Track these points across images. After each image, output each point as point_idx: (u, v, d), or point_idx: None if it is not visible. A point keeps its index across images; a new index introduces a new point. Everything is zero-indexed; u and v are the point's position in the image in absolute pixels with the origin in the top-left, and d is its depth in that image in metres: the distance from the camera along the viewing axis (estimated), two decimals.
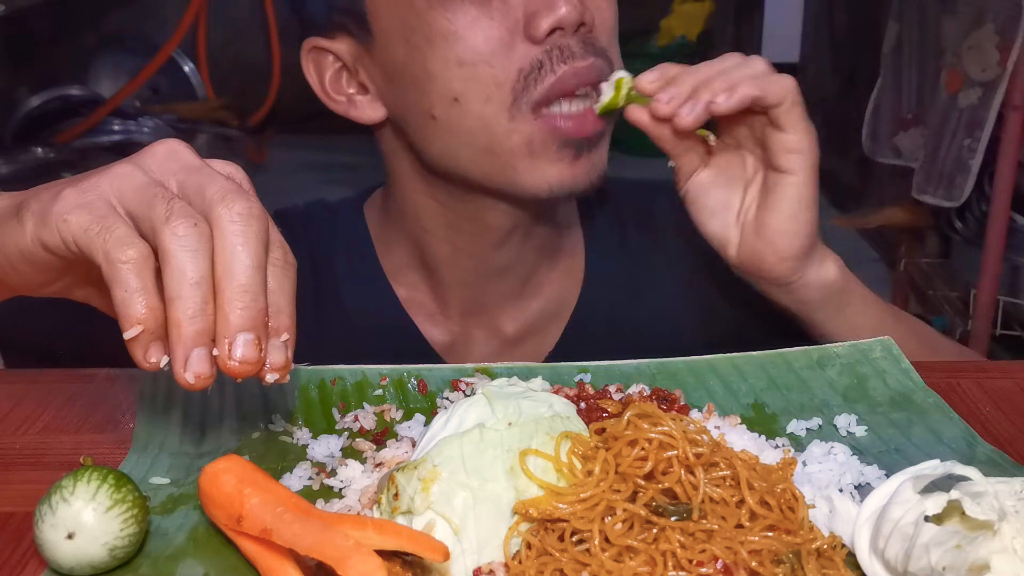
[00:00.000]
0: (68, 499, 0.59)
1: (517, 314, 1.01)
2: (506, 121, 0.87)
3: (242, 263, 0.59)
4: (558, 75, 0.86)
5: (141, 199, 0.61)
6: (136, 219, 0.61)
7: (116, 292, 0.59)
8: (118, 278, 0.59)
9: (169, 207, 0.60)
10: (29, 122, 3.85)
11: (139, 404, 0.78)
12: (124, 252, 0.59)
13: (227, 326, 0.59)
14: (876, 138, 2.65)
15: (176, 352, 0.59)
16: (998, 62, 2.18)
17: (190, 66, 4.40)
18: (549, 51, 0.86)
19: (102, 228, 0.60)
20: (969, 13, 2.26)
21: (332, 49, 0.92)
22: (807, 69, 4.47)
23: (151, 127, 3.89)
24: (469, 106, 0.87)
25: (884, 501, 0.62)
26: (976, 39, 2.22)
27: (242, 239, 0.60)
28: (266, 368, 0.61)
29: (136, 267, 0.59)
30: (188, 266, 0.58)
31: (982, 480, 0.61)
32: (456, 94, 0.86)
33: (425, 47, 0.86)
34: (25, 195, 0.65)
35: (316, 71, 0.94)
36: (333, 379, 0.82)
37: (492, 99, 0.86)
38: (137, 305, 0.59)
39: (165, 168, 0.63)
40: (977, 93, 2.23)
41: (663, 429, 0.62)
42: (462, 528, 0.60)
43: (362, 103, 0.93)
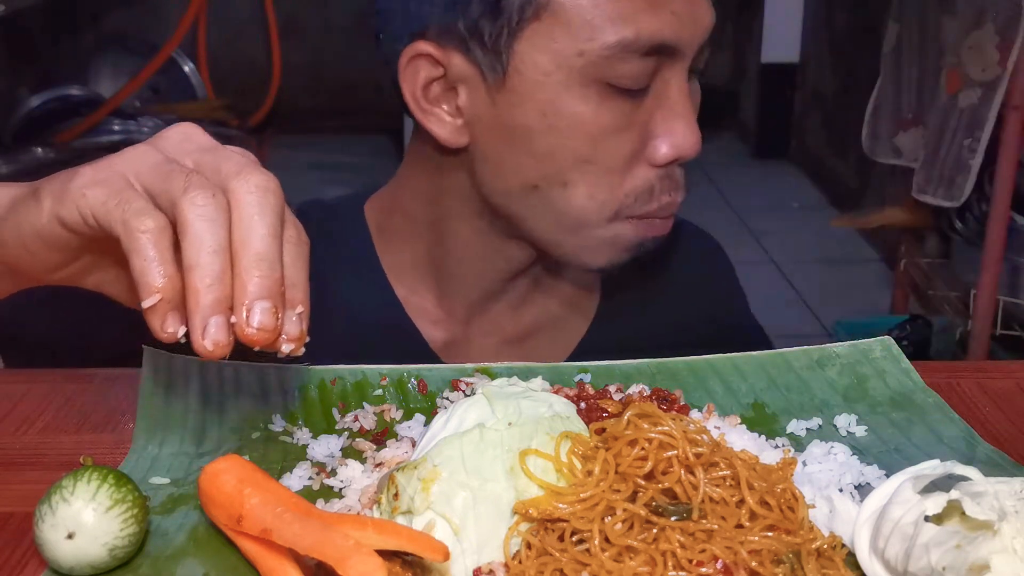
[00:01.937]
0: (68, 499, 0.59)
1: (518, 318, 1.01)
2: (604, 222, 0.88)
3: (259, 233, 0.60)
4: (661, 203, 0.88)
5: (158, 174, 0.62)
6: (153, 195, 0.61)
7: (135, 262, 0.59)
8: (137, 247, 0.59)
9: (188, 180, 0.60)
10: (29, 122, 3.85)
11: (139, 404, 0.78)
12: (143, 222, 0.59)
13: (245, 293, 0.59)
14: (876, 138, 2.65)
15: (194, 320, 0.59)
16: (998, 62, 2.18)
17: (190, 66, 4.41)
18: (662, 178, 0.88)
19: (120, 200, 0.60)
20: (969, 13, 2.26)
21: (442, 61, 0.87)
22: (807, 69, 4.47)
23: (151, 127, 3.89)
24: (574, 195, 0.87)
25: (884, 501, 0.62)
26: (976, 39, 2.22)
27: (259, 209, 0.60)
28: (282, 339, 0.61)
29: (155, 236, 0.59)
30: (207, 235, 0.59)
31: (982, 480, 0.61)
32: (568, 182, 0.86)
33: (561, 132, 0.85)
34: (42, 180, 0.66)
35: (413, 75, 0.88)
36: (333, 379, 0.82)
37: (598, 201, 0.87)
38: (155, 274, 0.59)
39: (181, 149, 0.64)
40: (977, 93, 2.23)
41: (663, 429, 0.62)
42: (462, 528, 0.60)
43: (451, 125, 0.88)
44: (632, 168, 0.87)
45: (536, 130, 0.85)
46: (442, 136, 0.89)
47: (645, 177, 0.87)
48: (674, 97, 0.86)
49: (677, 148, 0.86)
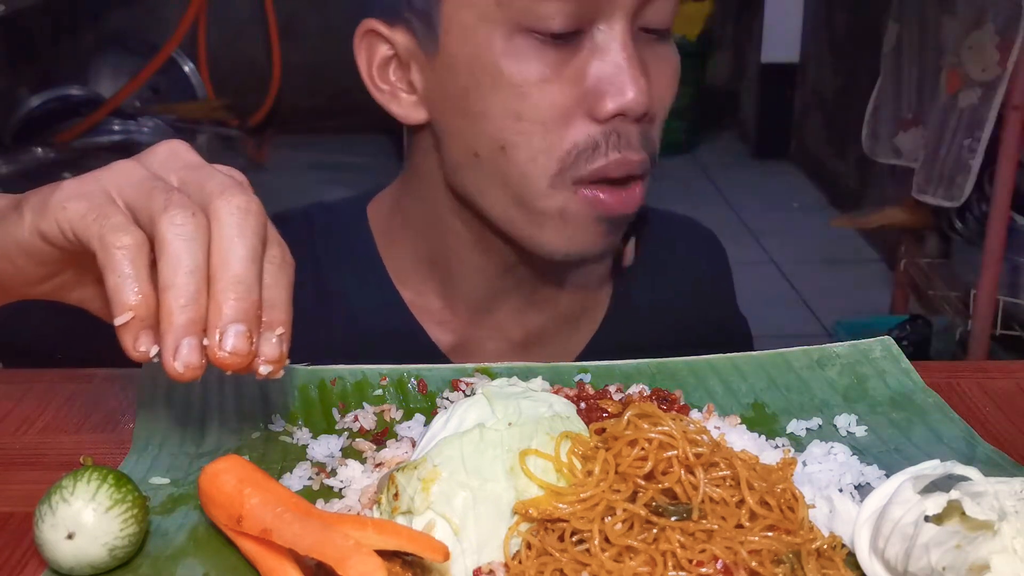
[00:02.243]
0: (68, 499, 0.59)
1: (525, 321, 0.99)
2: (546, 186, 0.84)
3: (238, 255, 0.59)
4: (609, 160, 0.83)
5: (140, 191, 0.61)
6: (134, 211, 0.61)
7: (109, 278, 0.59)
8: (112, 264, 0.59)
9: (168, 198, 0.60)
10: (29, 122, 3.85)
11: (139, 404, 0.78)
12: (120, 238, 0.59)
13: (219, 316, 0.59)
14: (876, 138, 2.66)
15: (166, 340, 0.58)
16: (998, 62, 2.18)
17: (190, 66, 4.41)
18: (607, 134, 0.83)
19: (99, 215, 0.60)
20: (969, 13, 2.26)
21: (389, 38, 0.88)
22: (807, 69, 4.47)
23: (151, 127, 3.89)
24: (514, 159, 0.84)
25: (884, 501, 0.62)
26: (976, 39, 2.22)
27: (239, 231, 0.60)
28: (259, 360, 0.61)
29: (130, 254, 0.59)
30: (183, 254, 0.58)
31: (982, 480, 0.61)
32: (505, 143, 0.84)
33: (488, 87, 0.83)
34: (27, 193, 0.66)
35: (367, 54, 0.89)
36: (333, 379, 0.82)
37: (538, 162, 0.83)
38: (129, 291, 0.59)
39: (166, 166, 0.64)
40: (977, 93, 2.23)
41: (663, 429, 0.62)
42: (462, 528, 0.60)
43: (406, 101, 0.89)
44: (571, 123, 0.83)
45: (469, 91, 0.84)
46: (399, 114, 0.89)
47: (587, 132, 0.83)
48: (612, 47, 0.82)
49: (618, 101, 0.82)
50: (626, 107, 0.82)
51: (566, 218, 0.85)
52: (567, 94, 0.82)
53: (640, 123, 0.84)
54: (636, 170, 0.85)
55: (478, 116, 0.84)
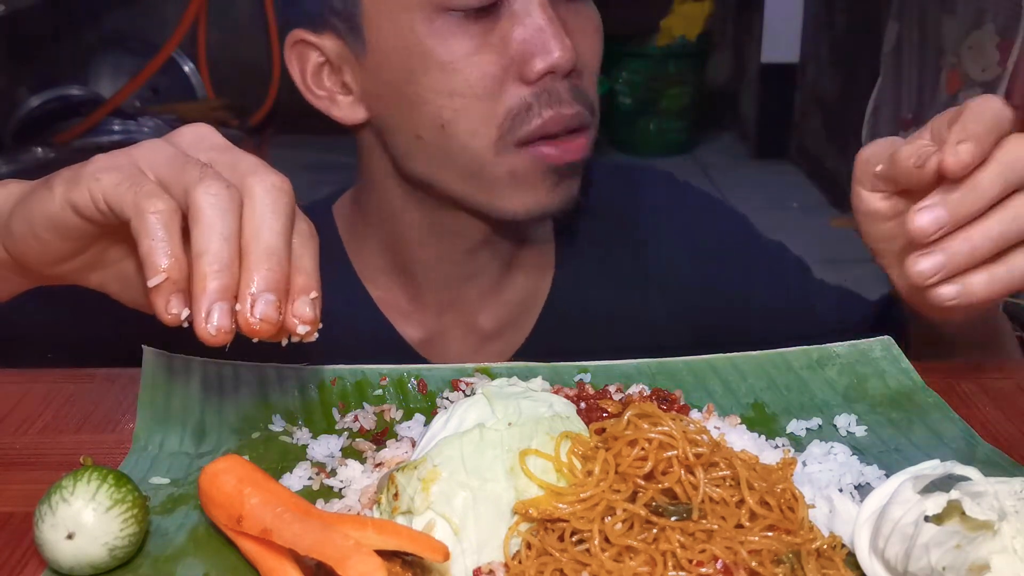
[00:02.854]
0: (68, 499, 0.59)
1: (493, 309, 1.01)
2: (492, 155, 0.87)
3: (271, 228, 0.61)
4: (544, 119, 0.86)
5: (172, 166, 0.63)
6: (167, 184, 0.62)
7: (143, 242, 0.60)
8: (146, 227, 0.60)
9: (202, 171, 0.62)
10: (29, 122, 3.85)
11: (139, 404, 0.78)
12: (154, 203, 0.60)
13: (251, 285, 0.60)
14: (876, 138, 2.65)
15: (199, 304, 0.59)
16: (998, 62, 2.18)
17: (190, 66, 4.40)
18: (539, 94, 0.86)
19: (132, 183, 0.61)
20: (969, 13, 2.26)
21: (318, 44, 0.91)
22: (807, 69, 4.47)
23: (151, 127, 3.89)
24: (456, 134, 0.87)
25: (884, 501, 0.62)
26: (976, 39, 2.22)
27: (272, 207, 0.61)
28: (295, 321, 0.62)
29: (164, 218, 0.60)
30: (217, 221, 0.60)
31: (982, 480, 0.61)
32: (444, 121, 0.87)
33: (420, 72, 0.86)
34: (56, 172, 0.67)
35: (299, 63, 0.93)
36: (333, 379, 0.82)
37: (479, 133, 0.87)
38: (162, 254, 0.60)
39: (196, 146, 0.65)
40: (977, 93, 2.22)
41: (663, 429, 0.62)
42: (462, 528, 0.60)
43: (343, 103, 0.93)
44: (504, 90, 0.86)
45: (402, 80, 0.87)
46: (339, 116, 0.93)
47: (519, 95, 0.86)
48: (531, 10, 0.86)
49: (545, 60, 0.85)
50: (554, 64, 0.85)
51: (517, 178, 0.88)
52: (495, 63, 0.86)
53: (569, 79, 0.87)
54: (573, 123, 0.88)
55: (415, 101, 0.87)
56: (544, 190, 0.89)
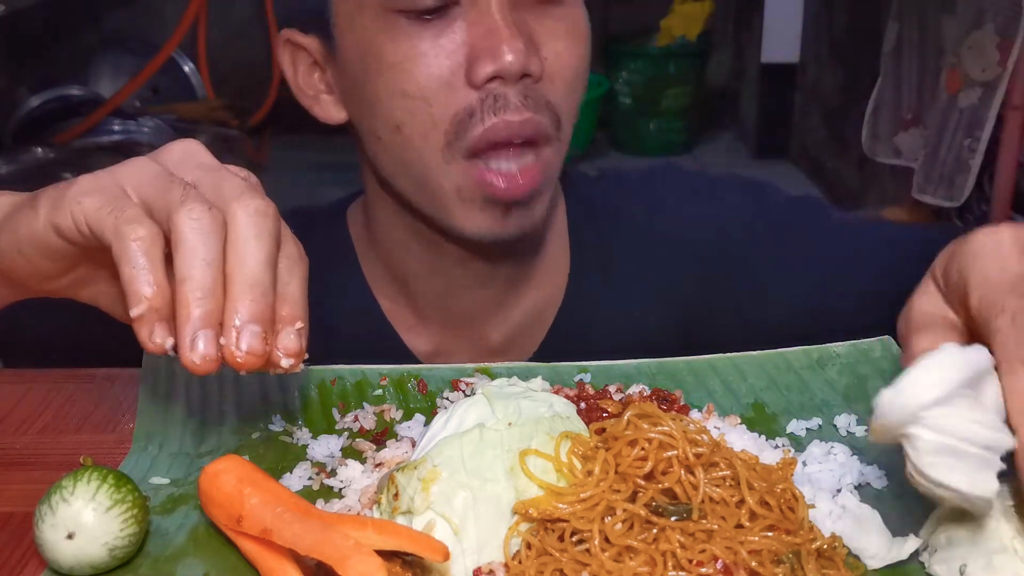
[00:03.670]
0: (68, 499, 0.59)
1: (501, 324, 0.99)
2: (441, 163, 0.85)
3: (255, 257, 0.60)
4: (487, 126, 0.83)
5: (156, 187, 0.61)
6: (150, 206, 0.61)
7: (124, 269, 0.59)
8: (127, 255, 0.59)
9: (185, 192, 0.60)
10: (29, 122, 3.85)
11: (139, 404, 0.78)
12: (135, 230, 0.59)
13: (234, 316, 0.59)
14: (876, 138, 2.66)
15: (183, 331, 0.58)
16: (998, 62, 2.18)
17: (190, 66, 4.40)
18: (484, 99, 0.83)
19: (114, 208, 0.60)
20: (969, 13, 2.26)
21: (304, 44, 0.91)
22: (807, 69, 4.47)
23: (151, 127, 3.89)
24: (410, 138, 0.85)
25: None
26: (976, 39, 2.22)
27: (255, 233, 0.60)
28: (279, 354, 0.61)
29: (145, 245, 0.59)
30: (200, 247, 0.59)
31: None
32: (399, 123, 0.85)
33: (375, 71, 0.85)
34: (42, 189, 0.66)
35: (291, 62, 0.93)
36: (333, 379, 0.82)
37: (428, 137, 0.85)
38: (145, 283, 0.59)
39: (182, 165, 0.64)
40: (977, 93, 2.23)
41: (663, 429, 0.62)
42: (462, 528, 0.60)
43: (327, 102, 0.93)
44: (452, 93, 0.84)
45: (362, 78, 0.86)
46: (322, 115, 0.93)
47: (464, 99, 0.83)
48: (485, 12, 0.83)
49: (492, 64, 0.82)
50: (500, 69, 0.82)
51: (463, 197, 0.86)
52: (444, 66, 0.84)
53: (522, 83, 0.84)
54: (523, 131, 0.84)
55: (372, 101, 0.86)
56: (493, 216, 0.87)
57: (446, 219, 0.88)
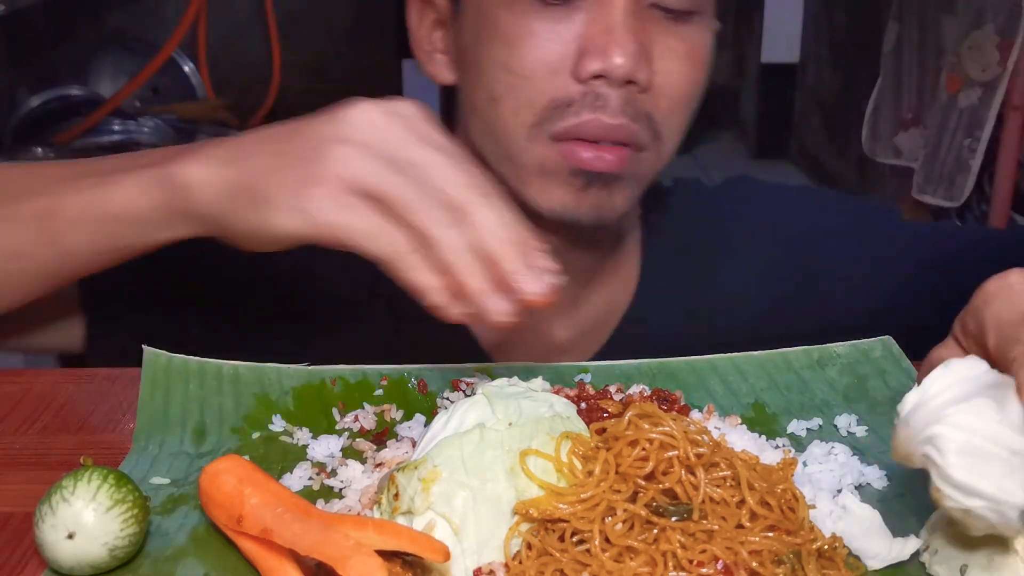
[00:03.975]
0: (68, 499, 0.59)
1: (568, 321, 0.98)
2: (524, 140, 0.86)
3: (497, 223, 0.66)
4: (581, 119, 0.84)
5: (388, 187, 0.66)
6: (389, 203, 0.66)
7: (409, 275, 0.66)
8: (407, 266, 0.66)
9: (418, 196, 0.66)
10: (29, 122, 3.84)
11: (139, 404, 0.78)
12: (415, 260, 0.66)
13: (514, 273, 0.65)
14: (876, 138, 2.65)
15: (482, 302, 0.65)
16: (998, 62, 2.18)
17: (190, 66, 4.40)
18: (585, 93, 0.84)
19: (382, 232, 0.66)
20: (969, 13, 2.26)
21: (435, 2, 0.93)
22: (807, 69, 4.47)
23: (151, 127, 3.88)
24: (501, 111, 0.87)
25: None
26: (976, 39, 2.22)
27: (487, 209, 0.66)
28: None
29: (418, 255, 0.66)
30: (454, 239, 0.65)
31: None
32: (494, 95, 0.87)
33: (487, 39, 0.86)
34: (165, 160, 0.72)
35: (418, 15, 0.94)
36: (333, 379, 0.82)
37: (520, 114, 0.86)
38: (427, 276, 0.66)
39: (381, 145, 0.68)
40: (977, 93, 2.23)
41: (664, 429, 0.62)
42: (462, 528, 0.60)
43: (440, 62, 0.94)
44: (554, 79, 0.85)
45: (473, 43, 0.88)
46: (432, 73, 0.94)
47: (565, 89, 0.84)
48: (606, 11, 0.84)
49: (599, 62, 0.83)
50: (606, 69, 0.83)
51: (545, 172, 0.87)
52: (554, 52, 0.84)
53: (624, 89, 0.84)
54: (615, 134, 0.85)
55: (476, 67, 0.88)
56: (572, 191, 0.87)
57: (524, 193, 0.89)
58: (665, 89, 0.86)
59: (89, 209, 0.75)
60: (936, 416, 0.57)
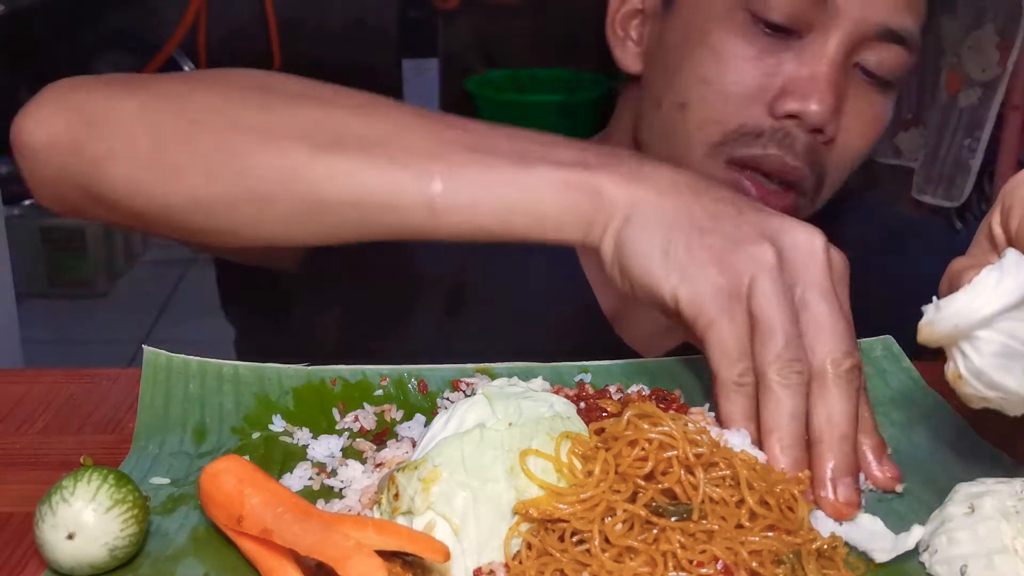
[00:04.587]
0: (68, 499, 0.59)
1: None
2: (701, 154, 0.87)
3: (843, 413, 0.65)
4: (767, 152, 0.86)
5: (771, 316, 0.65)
6: (753, 318, 0.65)
7: (721, 397, 0.67)
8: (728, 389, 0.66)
9: (786, 347, 0.64)
10: None
11: (139, 404, 0.78)
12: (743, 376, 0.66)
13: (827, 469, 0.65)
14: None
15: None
16: (998, 62, 2.18)
17: (190, 66, 4.40)
18: (776, 130, 0.86)
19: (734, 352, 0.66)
20: (969, 13, 2.26)
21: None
22: None
23: None
24: (687, 119, 0.87)
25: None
26: (976, 39, 2.22)
27: (845, 391, 0.65)
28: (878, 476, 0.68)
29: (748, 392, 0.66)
30: (788, 402, 0.64)
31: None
32: (685, 102, 0.88)
33: (693, 44, 0.88)
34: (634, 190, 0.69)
35: (619, 1, 0.96)
36: (333, 379, 0.82)
37: (705, 129, 0.87)
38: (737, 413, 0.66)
39: (799, 274, 0.66)
40: (977, 93, 2.23)
41: (663, 429, 0.62)
42: (462, 528, 0.60)
43: (631, 51, 0.95)
44: (749, 106, 0.86)
45: (677, 44, 0.89)
46: (620, 59, 0.96)
47: (756, 118, 0.86)
48: (817, 58, 0.85)
49: (797, 104, 0.85)
50: (802, 112, 0.85)
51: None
52: (757, 80, 0.86)
53: (812, 135, 0.86)
54: (790, 176, 0.87)
55: (673, 69, 0.89)
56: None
57: None
58: (844, 146, 0.89)
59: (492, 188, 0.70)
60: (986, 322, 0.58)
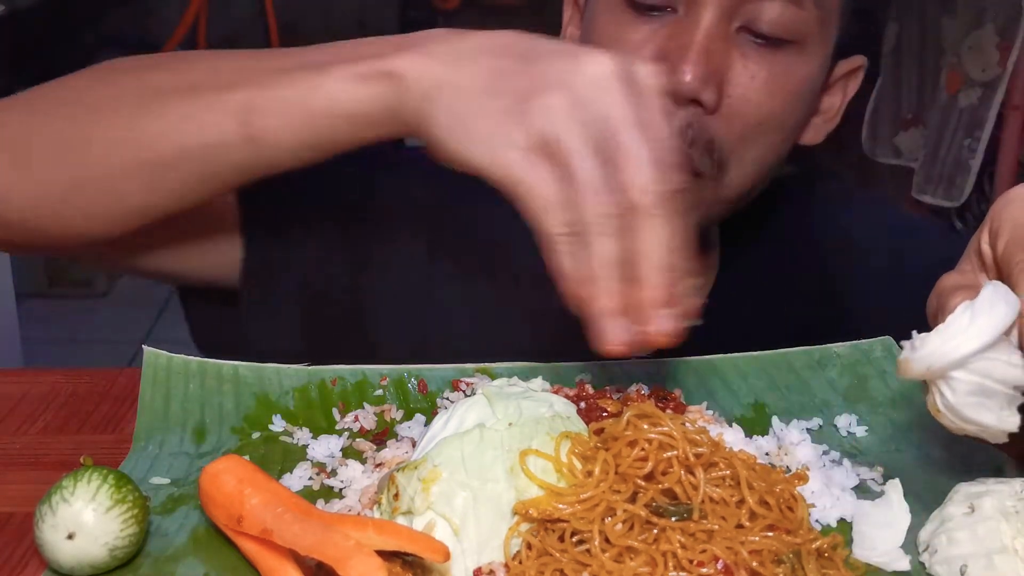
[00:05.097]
0: (68, 499, 0.59)
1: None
2: None
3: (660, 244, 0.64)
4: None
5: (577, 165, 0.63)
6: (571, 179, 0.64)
7: (556, 256, 0.65)
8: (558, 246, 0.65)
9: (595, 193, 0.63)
10: None
11: (139, 404, 0.78)
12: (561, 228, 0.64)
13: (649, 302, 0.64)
14: (876, 138, 2.66)
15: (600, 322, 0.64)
16: (998, 62, 2.18)
17: None
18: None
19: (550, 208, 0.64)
20: (969, 13, 2.26)
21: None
22: None
23: None
24: None
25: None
26: (976, 39, 2.22)
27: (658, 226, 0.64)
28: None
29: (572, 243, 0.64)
30: (602, 249, 0.64)
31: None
32: None
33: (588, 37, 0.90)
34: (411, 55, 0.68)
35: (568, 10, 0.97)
36: (333, 379, 0.82)
37: None
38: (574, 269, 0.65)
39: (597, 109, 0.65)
40: (977, 93, 2.23)
41: (663, 429, 0.62)
42: (462, 528, 0.60)
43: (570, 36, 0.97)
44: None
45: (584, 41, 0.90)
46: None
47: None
48: (688, 28, 0.83)
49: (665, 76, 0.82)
50: (672, 83, 0.81)
51: None
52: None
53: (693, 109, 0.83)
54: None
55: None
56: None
57: None
58: (739, 113, 0.85)
59: (297, 101, 0.71)
60: (961, 363, 0.59)
